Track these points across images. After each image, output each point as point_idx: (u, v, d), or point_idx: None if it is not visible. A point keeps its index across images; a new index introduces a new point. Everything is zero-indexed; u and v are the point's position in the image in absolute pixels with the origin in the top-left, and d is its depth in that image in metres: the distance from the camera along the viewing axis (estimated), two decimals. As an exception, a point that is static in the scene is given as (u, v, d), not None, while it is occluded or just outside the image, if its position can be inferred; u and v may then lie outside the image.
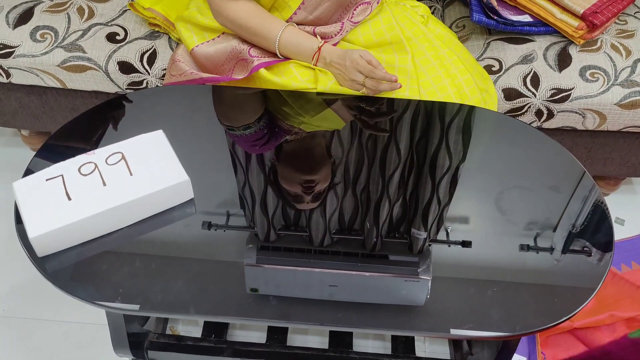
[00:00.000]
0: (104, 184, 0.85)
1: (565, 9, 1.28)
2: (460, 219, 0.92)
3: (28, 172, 0.92)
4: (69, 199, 0.84)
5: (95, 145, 0.92)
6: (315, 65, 1.08)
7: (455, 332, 0.77)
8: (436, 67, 1.10)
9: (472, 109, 1.09)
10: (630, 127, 1.30)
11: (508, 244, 0.89)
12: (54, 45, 1.30)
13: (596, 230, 0.91)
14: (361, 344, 1.26)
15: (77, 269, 0.83)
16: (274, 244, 0.88)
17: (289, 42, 1.08)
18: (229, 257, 0.87)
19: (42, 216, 0.81)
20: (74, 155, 0.90)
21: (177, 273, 0.83)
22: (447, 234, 0.90)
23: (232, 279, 0.83)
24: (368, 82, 1.03)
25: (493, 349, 1.02)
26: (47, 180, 0.86)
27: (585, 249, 0.88)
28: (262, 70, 1.09)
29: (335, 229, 0.90)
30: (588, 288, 0.82)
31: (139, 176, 0.87)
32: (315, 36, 1.12)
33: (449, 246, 0.88)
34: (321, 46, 1.07)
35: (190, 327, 1.30)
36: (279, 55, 1.10)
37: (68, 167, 0.87)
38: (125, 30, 1.33)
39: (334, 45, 1.12)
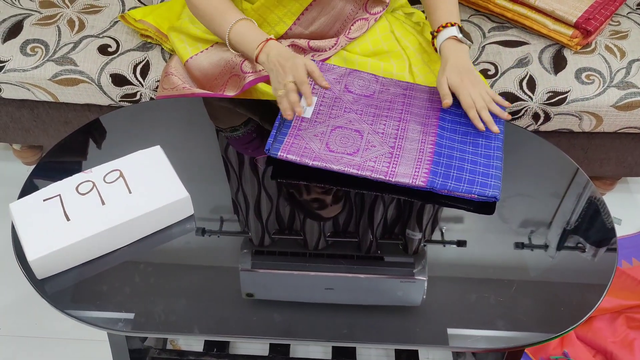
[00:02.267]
0: (103, 203, 0.84)
1: (557, 20, 1.28)
2: (455, 219, 0.92)
3: (24, 192, 0.90)
4: (68, 219, 0.82)
5: (91, 162, 0.90)
6: (256, 59, 1.01)
7: (454, 332, 0.77)
8: (434, 75, 1.10)
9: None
10: (626, 128, 1.30)
11: (503, 243, 0.89)
12: (45, 58, 1.28)
13: (598, 228, 0.91)
14: (364, 353, 1.25)
15: (78, 289, 0.82)
16: (268, 248, 0.88)
17: (239, 33, 1.03)
18: (224, 263, 0.86)
19: (41, 238, 0.80)
20: (70, 174, 0.88)
21: (178, 289, 0.82)
22: (442, 234, 0.90)
23: (230, 287, 0.82)
24: (289, 86, 0.94)
25: (498, 356, 1.01)
26: (44, 200, 0.84)
27: (586, 247, 0.88)
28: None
29: (330, 231, 0.90)
30: (597, 286, 0.82)
31: (138, 194, 0.85)
32: (310, 49, 1.11)
33: (444, 246, 0.88)
34: (270, 38, 1.00)
35: (191, 340, 1.29)
36: (229, 47, 1.06)
37: (65, 186, 0.86)
38: (117, 42, 1.31)
39: (327, 58, 1.12)
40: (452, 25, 1.04)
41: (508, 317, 0.79)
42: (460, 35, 1.03)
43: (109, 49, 1.30)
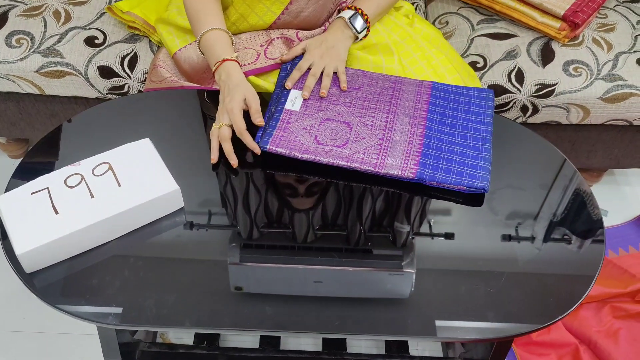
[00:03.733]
0: (92, 196, 0.83)
1: (545, 12, 1.29)
2: (443, 211, 0.93)
3: (11, 185, 0.89)
4: (56, 212, 0.81)
5: (79, 155, 0.89)
6: (214, 75, 1.02)
7: (444, 326, 0.77)
8: (424, 67, 1.10)
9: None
10: (613, 120, 1.31)
11: (491, 235, 0.89)
12: (31, 50, 1.27)
13: (586, 220, 0.92)
14: (354, 345, 1.26)
15: (67, 283, 0.81)
16: (257, 241, 0.87)
17: (207, 42, 1.02)
18: (213, 257, 0.86)
19: (29, 231, 0.79)
20: (58, 167, 0.88)
21: (168, 283, 0.81)
22: (430, 226, 0.90)
23: (220, 281, 0.82)
24: (223, 131, 0.93)
25: (487, 346, 1.02)
26: (32, 193, 0.83)
27: (574, 238, 0.89)
28: None
29: (319, 224, 0.90)
30: (585, 277, 0.83)
31: (127, 187, 0.85)
32: (299, 40, 1.11)
33: (432, 239, 0.88)
34: (227, 59, 0.99)
35: (181, 333, 1.29)
36: (199, 50, 1.06)
37: (54, 179, 0.85)
38: (104, 33, 1.30)
39: None
40: (355, 10, 1.09)
41: (496, 308, 0.80)
42: (348, 20, 1.08)
43: (96, 41, 1.29)
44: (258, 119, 0.94)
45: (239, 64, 1.02)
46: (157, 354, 1.13)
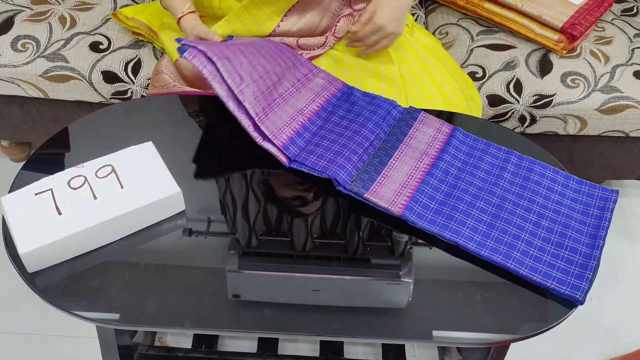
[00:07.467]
0: (95, 198, 0.84)
1: (544, 24, 1.31)
2: None
3: (15, 186, 0.90)
4: (59, 213, 0.82)
5: (82, 158, 0.91)
6: (178, 22, 1.11)
7: (442, 335, 0.78)
8: (422, 76, 1.11)
9: (457, 115, 1.10)
10: (609, 131, 1.33)
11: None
12: (36, 55, 1.28)
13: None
14: (351, 351, 1.27)
15: (68, 283, 0.82)
16: (255, 249, 0.88)
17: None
18: (213, 264, 0.87)
19: (32, 231, 0.80)
20: (61, 168, 0.89)
21: (169, 285, 0.82)
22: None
23: (219, 286, 0.83)
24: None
25: (484, 353, 1.03)
26: (36, 194, 0.84)
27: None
28: None
29: (317, 233, 0.90)
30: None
31: (130, 189, 0.86)
32: (299, 47, 1.12)
33: (430, 249, 0.89)
34: (183, 16, 1.09)
35: (179, 337, 1.29)
36: (161, 5, 1.15)
37: (57, 180, 0.86)
38: (108, 39, 1.32)
39: (317, 56, 1.13)
40: None
41: (493, 314, 0.80)
42: None
43: (101, 46, 1.30)
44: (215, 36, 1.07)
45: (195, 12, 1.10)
46: (155, 357, 1.13)
